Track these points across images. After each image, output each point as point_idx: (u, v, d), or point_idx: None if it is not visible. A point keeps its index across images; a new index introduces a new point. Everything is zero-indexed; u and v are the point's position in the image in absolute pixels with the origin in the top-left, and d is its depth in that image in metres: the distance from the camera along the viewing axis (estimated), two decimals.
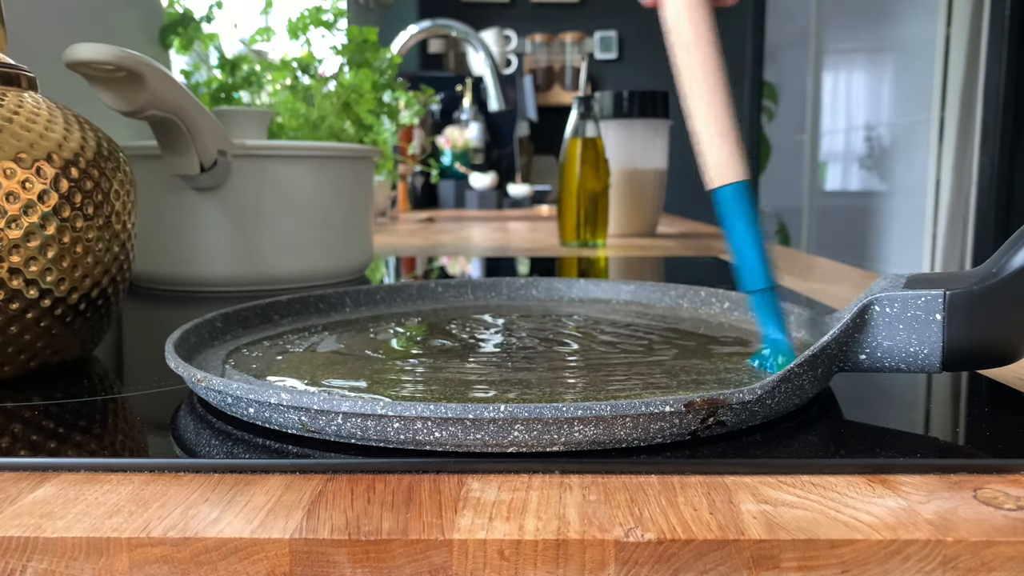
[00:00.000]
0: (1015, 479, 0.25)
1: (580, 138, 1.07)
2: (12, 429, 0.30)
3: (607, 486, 0.25)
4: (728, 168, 0.35)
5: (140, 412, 0.32)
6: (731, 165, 0.35)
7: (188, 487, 0.25)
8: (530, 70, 3.57)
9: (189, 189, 0.62)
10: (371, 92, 0.84)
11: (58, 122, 0.37)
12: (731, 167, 0.35)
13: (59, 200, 0.35)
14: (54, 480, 0.26)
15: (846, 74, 3.73)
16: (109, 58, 0.47)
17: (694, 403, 0.26)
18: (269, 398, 0.27)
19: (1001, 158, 2.49)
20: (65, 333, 0.37)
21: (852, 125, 3.60)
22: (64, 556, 0.22)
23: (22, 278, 0.35)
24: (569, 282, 0.55)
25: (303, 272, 0.67)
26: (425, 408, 0.25)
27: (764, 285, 0.35)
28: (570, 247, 1.08)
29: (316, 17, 0.85)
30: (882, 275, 0.35)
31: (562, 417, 0.25)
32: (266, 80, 0.86)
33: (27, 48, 0.72)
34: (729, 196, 0.35)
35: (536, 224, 1.62)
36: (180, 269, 0.64)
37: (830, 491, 0.24)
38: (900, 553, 0.21)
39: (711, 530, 0.22)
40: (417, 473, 0.26)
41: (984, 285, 0.29)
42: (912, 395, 0.34)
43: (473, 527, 0.22)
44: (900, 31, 3.16)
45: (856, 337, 0.30)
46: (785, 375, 0.28)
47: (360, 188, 0.72)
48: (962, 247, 2.69)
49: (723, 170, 0.35)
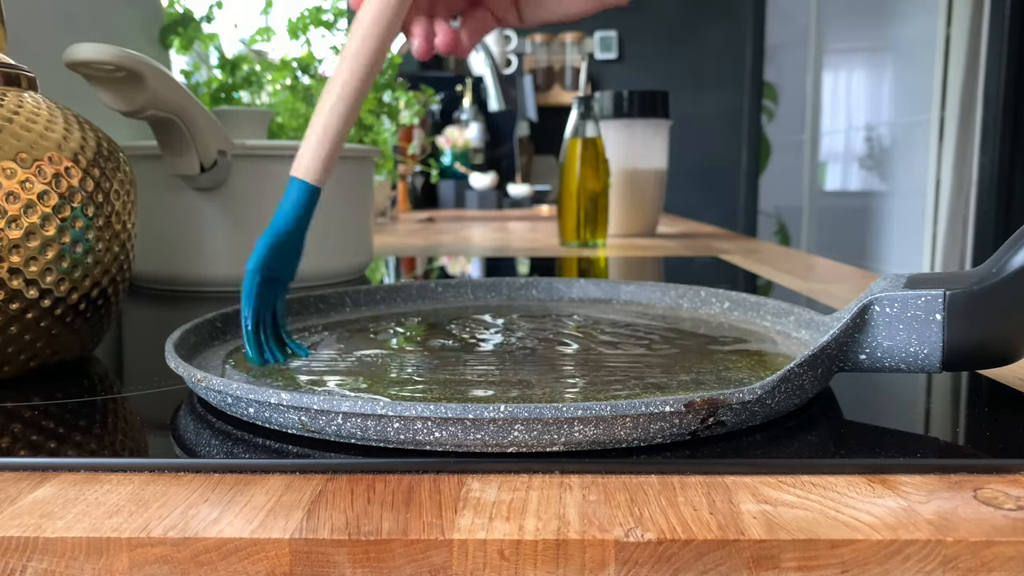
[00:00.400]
0: (1015, 479, 0.25)
1: (580, 138, 1.07)
2: (12, 429, 0.30)
3: (607, 486, 0.25)
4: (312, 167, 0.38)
5: (140, 412, 0.32)
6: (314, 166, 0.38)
7: (188, 487, 0.25)
8: (530, 70, 3.56)
9: (189, 189, 0.62)
10: (371, 92, 0.84)
11: (58, 122, 0.37)
12: (314, 168, 0.38)
13: (59, 200, 0.35)
14: (54, 480, 0.26)
15: (846, 74, 3.73)
16: (109, 58, 0.47)
17: (694, 403, 0.26)
18: (269, 398, 0.27)
19: (1001, 158, 2.49)
20: (65, 333, 0.37)
21: (852, 125, 3.60)
22: (64, 556, 0.22)
23: (22, 278, 0.35)
24: (569, 282, 0.55)
25: (303, 272, 0.67)
26: (425, 408, 0.25)
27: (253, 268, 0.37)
28: (570, 247, 1.08)
29: (316, 17, 0.85)
30: (882, 275, 0.35)
31: (562, 417, 0.25)
32: (266, 80, 0.86)
33: (27, 48, 0.72)
34: (297, 188, 0.38)
35: (536, 224, 1.62)
36: (180, 269, 0.64)
37: (830, 491, 0.24)
38: (900, 553, 0.21)
39: (711, 530, 0.22)
40: (417, 473, 0.26)
41: (984, 285, 0.29)
42: (912, 395, 0.34)
43: (473, 527, 0.22)
44: (900, 31, 3.16)
45: (856, 337, 0.30)
46: (785, 375, 0.28)
47: (360, 188, 0.72)
48: (962, 247, 2.69)
49: (307, 167, 0.38)
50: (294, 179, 0.38)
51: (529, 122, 3.22)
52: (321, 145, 0.37)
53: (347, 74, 0.38)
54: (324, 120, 0.37)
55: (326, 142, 0.37)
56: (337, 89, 0.38)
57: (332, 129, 0.37)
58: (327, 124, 0.37)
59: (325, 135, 0.37)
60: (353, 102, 0.38)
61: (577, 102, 1.08)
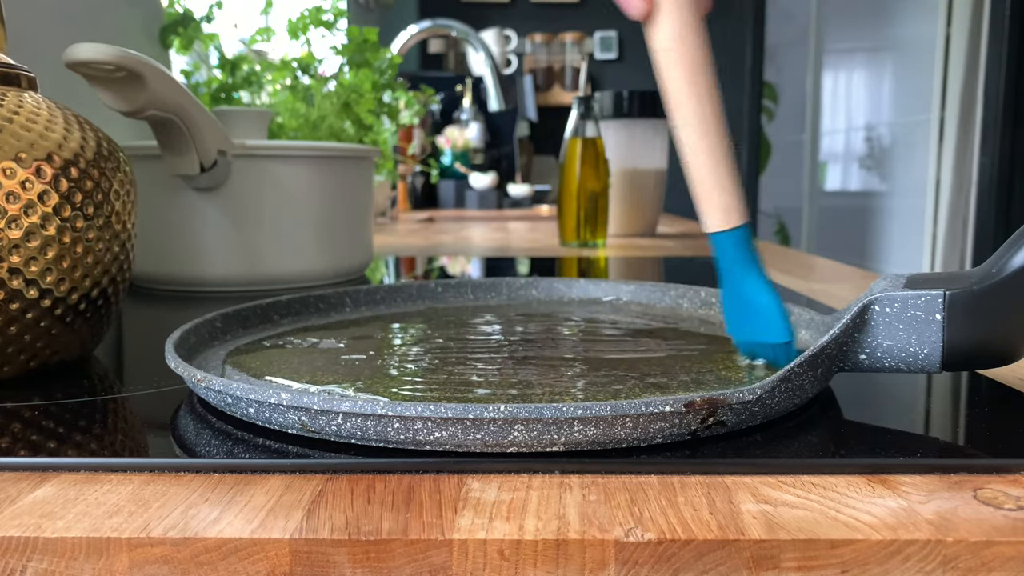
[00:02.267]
0: (1015, 479, 0.25)
1: (580, 138, 1.07)
2: (12, 429, 0.30)
3: (607, 486, 0.25)
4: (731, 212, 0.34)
5: (140, 412, 0.32)
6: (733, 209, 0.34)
7: (188, 487, 0.25)
8: (530, 70, 3.56)
9: (189, 189, 0.62)
10: (371, 92, 0.84)
11: (58, 122, 0.37)
12: (734, 211, 0.34)
13: (59, 200, 0.35)
14: (54, 480, 0.26)
15: (846, 74, 3.73)
16: (109, 58, 0.47)
17: (694, 403, 0.26)
18: (269, 398, 0.27)
19: (1001, 158, 2.49)
20: (65, 333, 0.37)
21: (852, 125, 3.60)
22: (64, 556, 0.22)
23: (22, 278, 0.35)
24: (569, 282, 0.55)
25: (303, 272, 0.67)
26: (425, 408, 0.25)
27: (787, 338, 0.33)
28: (570, 247, 1.08)
29: (316, 17, 0.85)
30: (882, 275, 0.35)
31: (562, 417, 0.25)
32: (266, 80, 0.86)
33: (27, 48, 0.72)
34: (730, 241, 0.34)
35: (536, 224, 1.62)
36: (180, 269, 0.64)
37: (830, 491, 0.24)
38: (900, 553, 0.21)
39: (711, 530, 0.22)
40: (417, 473, 0.26)
41: (984, 285, 0.29)
42: (912, 395, 0.34)
43: (473, 527, 0.22)
44: (900, 31, 3.16)
45: (856, 337, 0.30)
46: (785, 375, 0.28)
47: (360, 188, 0.72)
48: (962, 247, 2.69)
49: (726, 214, 0.34)
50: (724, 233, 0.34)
51: (529, 122, 3.22)
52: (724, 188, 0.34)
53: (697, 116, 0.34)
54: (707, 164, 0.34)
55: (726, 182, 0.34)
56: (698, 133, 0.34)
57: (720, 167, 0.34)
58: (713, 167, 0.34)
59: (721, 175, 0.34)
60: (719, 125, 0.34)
61: (577, 102, 1.08)
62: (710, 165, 0.34)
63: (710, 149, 0.34)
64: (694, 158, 0.34)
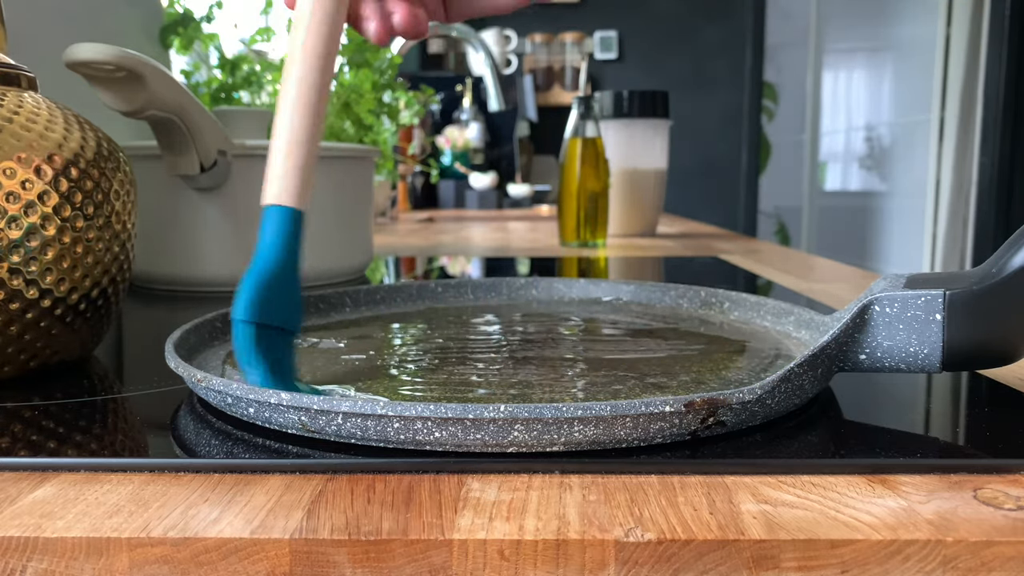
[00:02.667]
0: (1015, 479, 0.25)
1: (580, 138, 1.07)
2: (12, 429, 0.30)
3: (607, 486, 0.25)
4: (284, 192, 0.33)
5: (140, 412, 0.32)
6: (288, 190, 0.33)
7: (188, 487, 0.25)
8: (530, 70, 3.56)
9: (189, 189, 0.62)
10: (371, 92, 0.84)
11: (58, 122, 0.37)
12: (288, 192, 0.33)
13: (59, 200, 0.35)
14: (54, 480, 0.26)
15: (846, 74, 3.73)
16: (109, 58, 0.47)
17: (694, 403, 0.26)
18: (269, 398, 0.27)
19: (1001, 158, 2.49)
20: (65, 333, 0.37)
21: (852, 125, 3.60)
22: (64, 556, 0.22)
23: (22, 278, 0.35)
24: (569, 282, 0.55)
25: (303, 272, 0.67)
26: (425, 408, 0.25)
27: (243, 318, 0.31)
28: (570, 247, 1.08)
29: None
30: (882, 275, 0.35)
31: (562, 417, 0.25)
32: (266, 80, 0.86)
33: (27, 48, 0.72)
34: (274, 216, 0.33)
35: (536, 224, 1.62)
36: (180, 269, 0.64)
37: (830, 491, 0.24)
38: (900, 553, 0.21)
39: (711, 530, 0.22)
40: (417, 473, 0.26)
41: (984, 285, 0.29)
42: (912, 395, 0.34)
43: (473, 527, 0.22)
44: (900, 31, 3.16)
45: (856, 337, 0.30)
46: (785, 375, 0.28)
47: (360, 188, 0.72)
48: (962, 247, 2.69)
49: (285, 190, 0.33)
50: (273, 208, 0.33)
51: (529, 122, 3.22)
52: (294, 163, 0.33)
53: (303, 76, 0.33)
54: (288, 135, 0.33)
55: (300, 158, 0.33)
56: (293, 96, 0.33)
57: (303, 143, 0.33)
58: (294, 139, 0.33)
59: (298, 150, 0.33)
60: (317, 108, 0.33)
61: (577, 102, 1.08)
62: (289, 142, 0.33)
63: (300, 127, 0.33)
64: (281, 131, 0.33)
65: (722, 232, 1.38)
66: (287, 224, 0.33)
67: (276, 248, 0.33)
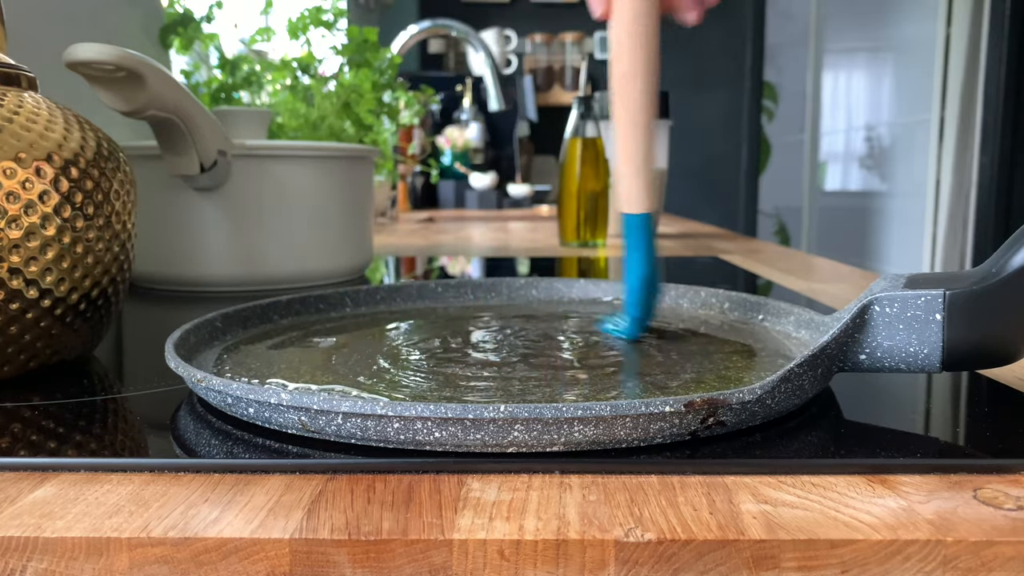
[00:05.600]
0: (1015, 479, 0.25)
1: (580, 138, 1.07)
2: (12, 429, 0.30)
3: (607, 486, 0.25)
4: (637, 199, 0.40)
5: (140, 412, 0.32)
6: (640, 198, 0.40)
7: (188, 487, 0.25)
8: (530, 70, 3.56)
9: (189, 189, 0.62)
10: (371, 92, 0.84)
11: (58, 122, 0.37)
12: (640, 199, 0.40)
13: (59, 200, 0.35)
14: (54, 480, 0.26)
15: (846, 74, 3.73)
16: (109, 58, 0.47)
17: (694, 403, 0.26)
18: (269, 398, 0.27)
19: (1001, 158, 2.49)
20: (65, 333, 0.37)
21: (852, 125, 3.60)
22: (64, 556, 0.22)
23: (22, 278, 0.35)
24: (569, 282, 0.55)
25: (303, 272, 0.67)
26: (425, 408, 0.25)
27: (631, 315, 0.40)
28: (570, 247, 1.08)
29: (316, 17, 0.85)
30: (882, 275, 0.35)
31: (562, 417, 0.25)
32: (266, 80, 0.86)
33: (27, 48, 0.72)
34: (634, 223, 0.40)
35: (536, 224, 1.62)
36: (180, 269, 0.64)
37: (830, 491, 0.24)
38: (900, 553, 0.21)
39: (711, 530, 0.22)
40: (417, 473, 0.26)
41: (984, 285, 0.29)
42: (912, 395, 0.34)
43: (473, 527, 0.22)
44: (900, 31, 3.16)
45: (856, 337, 0.30)
46: (785, 375, 0.28)
47: (360, 188, 0.72)
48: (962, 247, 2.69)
49: (633, 200, 0.40)
50: (632, 216, 0.40)
51: (529, 122, 3.21)
52: (640, 174, 0.39)
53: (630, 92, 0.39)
54: (632, 150, 0.39)
55: (643, 169, 0.39)
56: (629, 115, 0.39)
57: (641, 155, 0.39)
58: (636, 153, 0.39)
59: (641, 163, 0.39)
60: (647, 123, 0.39)
61: (577, 102, 1.08)
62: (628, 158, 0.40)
63: (632, 146, 0.39)
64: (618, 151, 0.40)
65: (722, 232, 1.38)
66: (647, 226, 0.40)
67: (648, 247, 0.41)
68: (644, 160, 0.39)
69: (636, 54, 0.39)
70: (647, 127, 0.39)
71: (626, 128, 0.39)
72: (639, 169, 0.39)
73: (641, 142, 0.39)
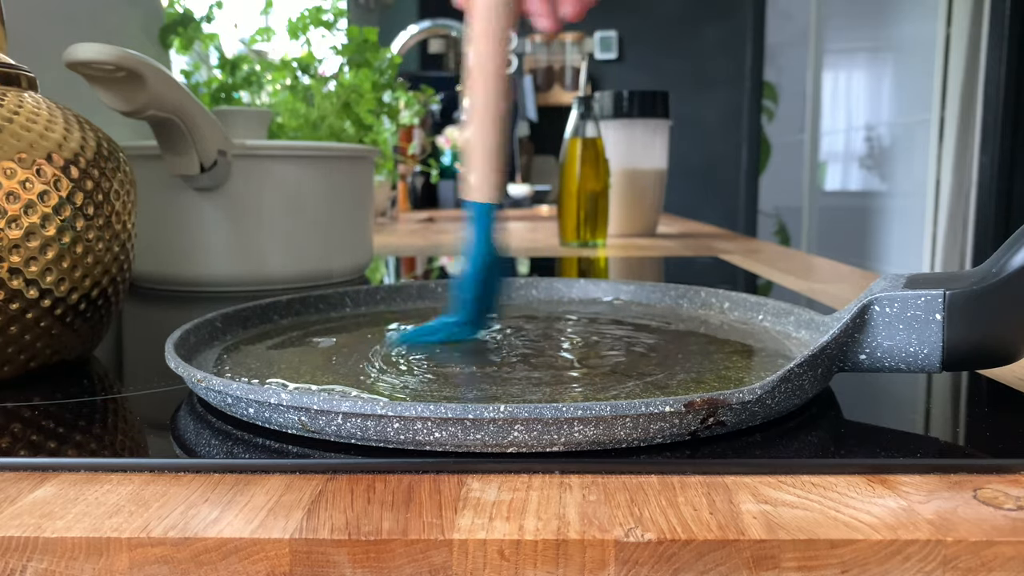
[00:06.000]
0: (1015, 479, 0.25)
1: (580, 138, 1.07)
2: (12, 429, 0.30)
3: (607, 486, 0.25)
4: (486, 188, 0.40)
5: (140, 412, 0.32)
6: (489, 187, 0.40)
7: (188, 487, 0.25)
8: (530, 70, 3.56)
9: (189, 189, 0.62)
10: (371, 92, 0.84)
11: (58, 122, 0.37)
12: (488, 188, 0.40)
13: (59, 200, 0.35)
14: (54, 480, 0.26)
15: (846, 74, 3.73)
16: (109, 58, 0.47)
17: (694, 403, 0.26)
18: (269, 398, 0.27)
19: (1001, 158, 2.49)
20: (65, 333, 0.37)
21: (852, 125, 3.60)
22: (64, 556, 0.22)
23: (22, 278, 0.35)
24: (569, 282, 0.55)
25: (303, 272, 0.67)
26: (425, 408, 0.25)
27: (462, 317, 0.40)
28: (570, 247, 1.08)
29: (316, 17, 0.85)
30: (882, 275, 0.35)
31: (562, 417, 0.25)
32: (266, 80, 0.86)
33: (27, 48, 0.72)
34: (481, 212, 0.40)
35: (536, 224, 1.62)
36: (180, 269, 0.64)
37: (830, 491, 0.24)
38: (900, 553, 0.21)
39: (711, 530, 0.22)
40: (417, 473, 0.26)
41: (984, 285, 0.29)
42: (912, 395, 0.34)
43: (473, 527, 0.22)
44: (900, 31, 3.16)
45: (856, 337, 0.30)
46: (785, 375, 0.28)
47: (360, 188, 0.72)
48: (962, 247, 2.69)
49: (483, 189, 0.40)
50: (476, 204, 0.40)
51: (529, 122, 3.21)
52: (488, 163, 0.39)
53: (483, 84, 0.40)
54: (481, 139, 0.39)
55: (492, 158, 0.39)
56: (480, 103, 0.40)
57: (490, 144, 0.39)
58: (486, 142, 0.39)
59: (489, 152, 0.39)
60: (498, 110, 0.40)
61: (577, 102, 1.08)
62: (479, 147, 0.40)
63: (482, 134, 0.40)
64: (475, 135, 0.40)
65: (722, 232, 1.38)
66: (490, 216, 0.40)
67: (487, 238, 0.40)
68: (495, 149, 0.39)
69: (490, 46, 0.40)
70: (498, 118, 0.40)
71: (479, 118, 0.40)
72: (489, 158, 0.39)
73: (492, 132, 0.40)
